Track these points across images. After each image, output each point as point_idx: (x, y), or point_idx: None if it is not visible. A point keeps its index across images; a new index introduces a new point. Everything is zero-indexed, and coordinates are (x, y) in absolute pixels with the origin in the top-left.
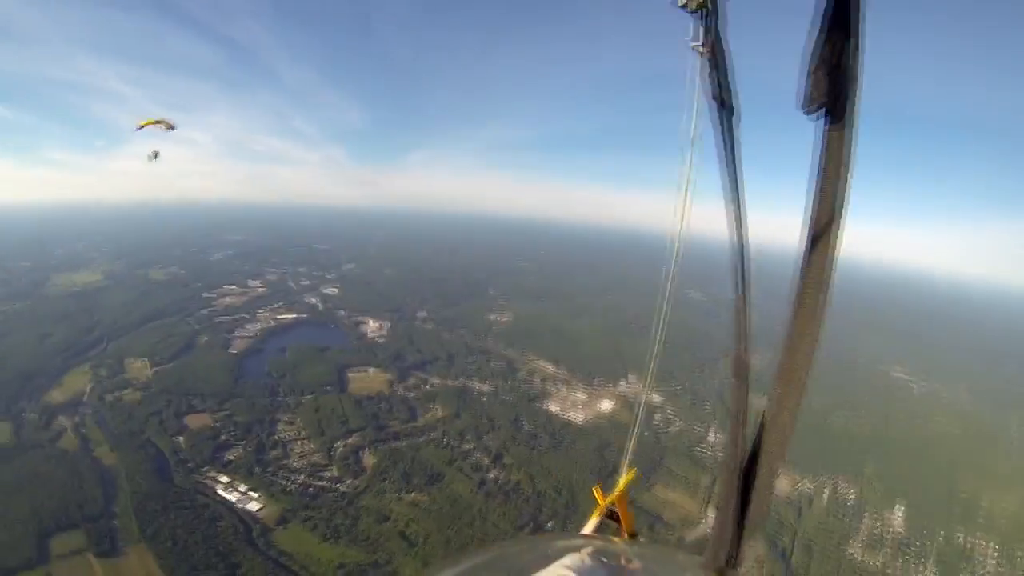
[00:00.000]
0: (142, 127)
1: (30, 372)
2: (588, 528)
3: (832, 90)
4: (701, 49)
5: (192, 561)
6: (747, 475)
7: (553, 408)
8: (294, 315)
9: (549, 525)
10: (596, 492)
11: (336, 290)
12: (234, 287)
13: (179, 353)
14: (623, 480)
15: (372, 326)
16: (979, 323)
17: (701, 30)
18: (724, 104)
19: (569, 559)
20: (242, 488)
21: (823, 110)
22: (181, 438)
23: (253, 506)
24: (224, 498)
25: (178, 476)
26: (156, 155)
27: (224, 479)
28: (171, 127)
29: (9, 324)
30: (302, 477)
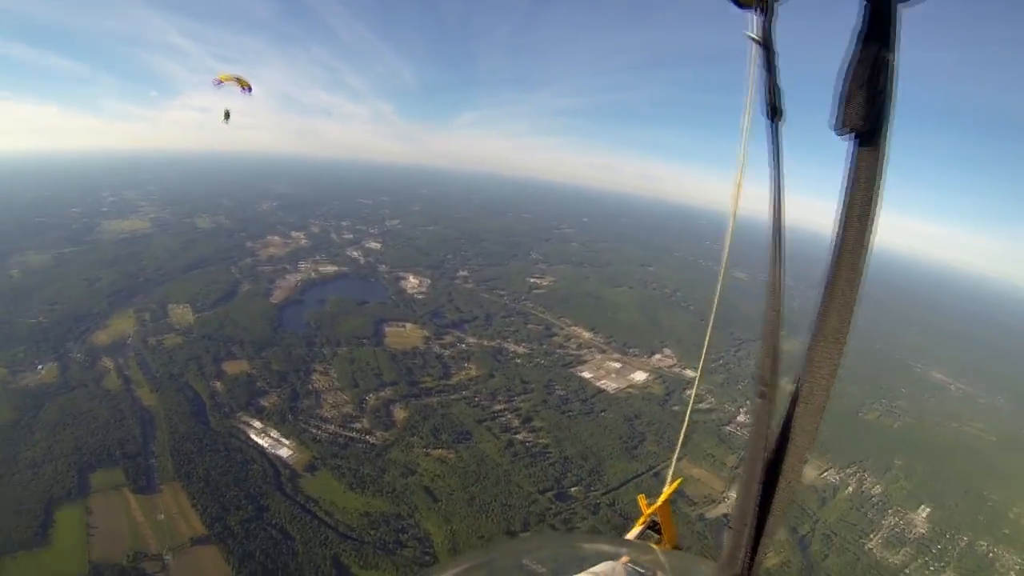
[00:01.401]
0: (221, 82)
1: (78, 314)
2: (629, 537)
3: (867, 113)
4: (755, 37)
5: (223, 501)
6: (766, 482)
7: (587, 375)
8: (335, 268)
9: (572, 491)
10: (640, 500)
11: (378, 245)
12: (277, 238)
13: (221, 300)
14: (667, 490)
15: (412, 282)
16: None
17: (755, 26)
18: (773, 107)
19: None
20: (274, 434)
21: (856, 133)
22: (218, 383)
23: (284, 452)
24: (256, 443)
25: (214, 419)
26: (228, 115)
27: (257, 424)
28: (248, 87)
29: (60, 268)
30: (333, 427)
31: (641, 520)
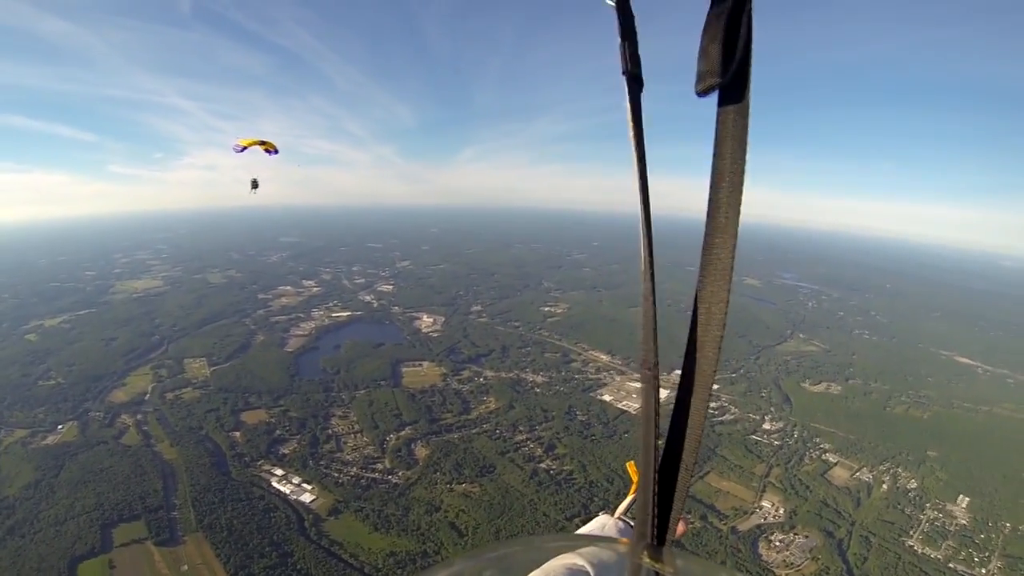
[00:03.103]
0: (244, 148)
1: (96, 374)
2: (623, 506)
3: (725, 68)
4: (611, 3)
5: (247, 549)
6: (664, 470)
7: (607, 397)
8: (349, 313)
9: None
10: (631, 468)
11: (390, 287)
12: (289, 288)
13: (236, 353)
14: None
15: (426, 321)
16: None
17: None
18: (632, 75)
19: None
20: (296, 480)
21: (717, 90)
22: (237, 433)
23: (306, 497)
24: (278, 490)
25: (234, 469)
26: (256, 184)
27: (279, 472)
28: (274, 150)
29: (77, 330)
30: (355, 469)
31: (633, 488)
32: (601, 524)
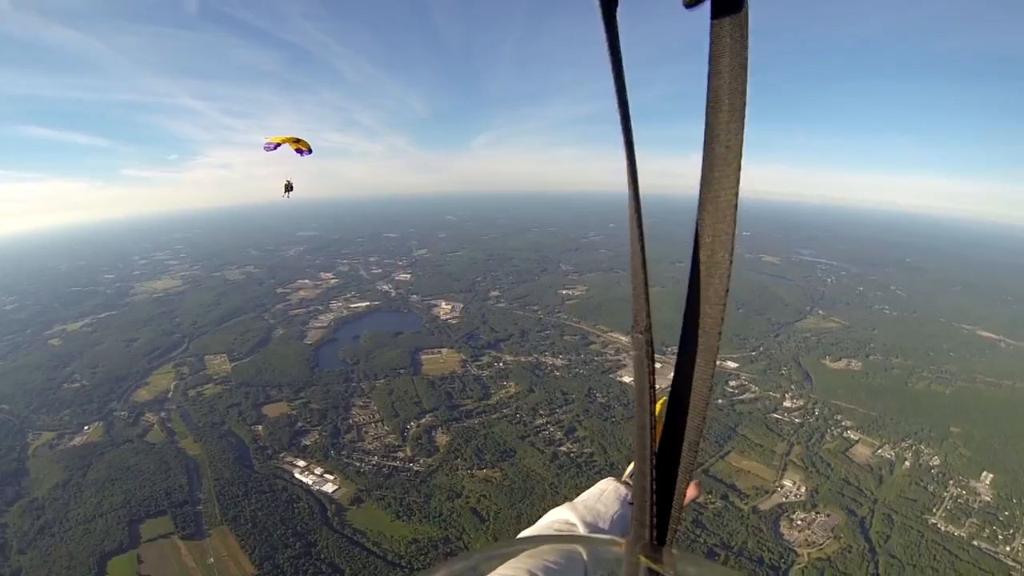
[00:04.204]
0: (276, 146)
1: (119, 375)
2: (629, 469)
3: None
4: None
5: (271, 540)
6: (663, 454)
7: (627, 379)
8: (367, 303)
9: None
10: None
11: (408, 276)
12: (307, 281)
13: (256, 347)
14: (656, 411)
15: (445, 308)
16: None
17: None
18: None
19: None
20: (318, 471)
21: None
22: (260, 427)
23: (329, 488)
24: (301, 481)
25: (257, 462)
26: (290, 187)
27: (301, 463)
28: (307, 150)
29: (99, 333)
30: (376, 458)
31: None
32: (601, 490)
